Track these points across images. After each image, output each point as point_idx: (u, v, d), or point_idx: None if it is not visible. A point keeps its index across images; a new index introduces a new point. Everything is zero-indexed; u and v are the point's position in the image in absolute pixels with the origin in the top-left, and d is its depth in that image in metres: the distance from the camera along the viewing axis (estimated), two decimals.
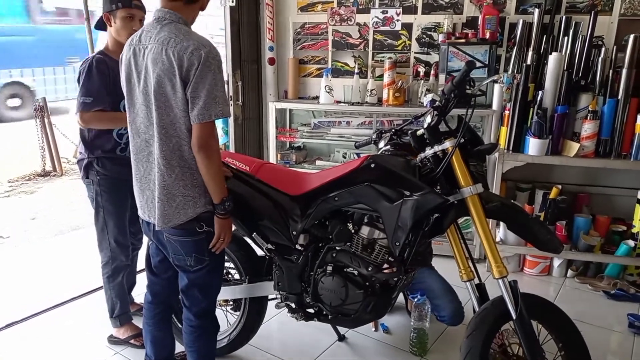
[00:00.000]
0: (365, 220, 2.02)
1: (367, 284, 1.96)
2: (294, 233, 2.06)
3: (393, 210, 1.83)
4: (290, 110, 3.84)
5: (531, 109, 3.03)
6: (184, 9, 1.68)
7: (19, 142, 7.15)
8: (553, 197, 3.20)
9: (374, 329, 2.59)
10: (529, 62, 3.15)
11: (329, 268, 2.00)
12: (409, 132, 1.99)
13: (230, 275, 2.36)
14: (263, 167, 2.17)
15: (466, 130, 1.87)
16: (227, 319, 2.39)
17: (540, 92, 3.05)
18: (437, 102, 1.87)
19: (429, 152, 1.90)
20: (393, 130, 2.15)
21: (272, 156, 3.73)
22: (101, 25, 2.25)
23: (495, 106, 3.20)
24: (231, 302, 2.37)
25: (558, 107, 3.01)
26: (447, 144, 1.85)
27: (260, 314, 2.30)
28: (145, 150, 1.73)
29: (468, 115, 1.82)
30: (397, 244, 1.84)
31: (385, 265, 1.95)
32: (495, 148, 1.89)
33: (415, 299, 2.37)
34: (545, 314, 1.86)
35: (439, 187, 1.89)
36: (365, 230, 2.00)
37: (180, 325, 2.10)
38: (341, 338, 2.51)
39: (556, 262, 3.26)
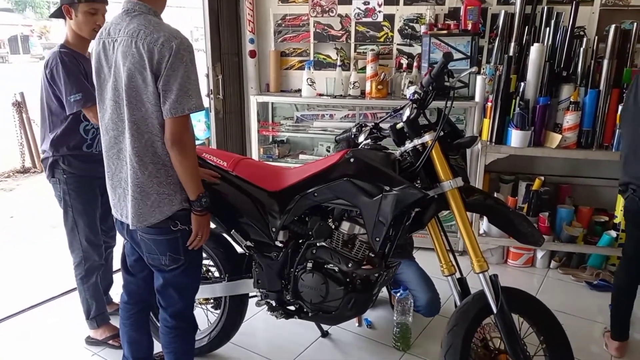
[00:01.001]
0: (346, 215, 1.99)
1: (347, 280, 1.93)
2: (273, 230, 2.02)
3: (372, 205, 1.80)
4: (273, 103, 3.79)
5: (513, 101, 3.02)
6: None
7: None
8: (536, 188, 3.21)
9: (357, 324, 2.58)
10: (511, 53, 3.14)
11: (309, 265, 1.97)
12: (389, 125, 1.96)
13: (210, 273, 2.32)
14: (241, 162, 2.12)
15: (446, 123, 1.85)
16: (207, 318, 2.35)
17: (522, 84, 3.04)
18: (416, 95, 1.83)
19: (408, 145, 1.87)
20: (373, 123, 2.11)
21: (255, 150, 3.69)
22: (59, 14, 2.14)
23: (477, 98, 3.18)
24: (212, 300, 2.33)
25: (540, 98, 3.00)
26: (427, 138, 1.82)
27: (241, 312, 2.27)
28: (115, 147, 1.68)
29: (447, 108, 1.79)
30: (377, 239, 1.81)
31: (366, 261, 1.93)
32: (475, 141, 1.86)
33: (398, 294, 2.35)
34: (526, 308, 1.85)
35: (419, 181, 1.87)
36: (345, 226, 1.97)
37: (159, 325, 2.05)
38: (324, 334, 2.49)
39: (539, 254, 3.27)
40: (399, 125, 1.92)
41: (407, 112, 1.84)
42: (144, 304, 1.94)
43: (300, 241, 2.04)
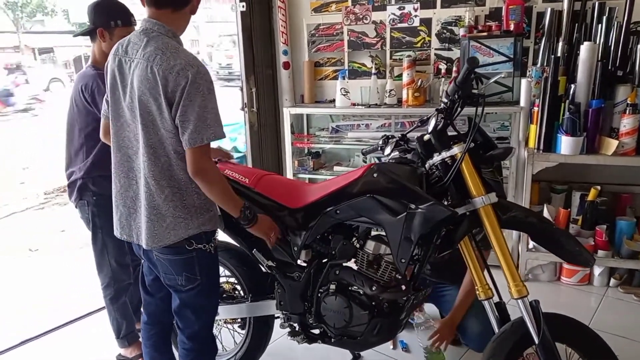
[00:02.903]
0: (371, 234, 1.87)
1: (372, 303, 1.81)
2: (295, 249, 1.93)
3: (397, 224, 1.67)
4: (308, 115, 3.72)
5: (563, 105, 2.78)
6: (173, 17, 1.58)
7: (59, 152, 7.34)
8: (592, 198, 2.94)
9: (392, 347, 2.42)
10: (559, 53, 2.90)
11: (332, 287, 1.86)
12: (416, 137, 1.82)
13: (237, 292, 2.26)
14: (263, 179, 2.05)
15: (477, 133, 1.70)
16: (233, 338, 2.29)
17: (572, 86, 2.80)
18: (442, 105, 1.69)
19: (436, 158, 1.73)
20: (400, 135, 1.98)
21: (289, 163, 3.62)
22: (85, 34, 2.14)
23: (523, 102, 2.97)
24: (239, 320, 2.26)
25: (592, 101, 2.75)
26: (456, 150, 1.67)
27: (266, 334, 2.19)
28: (125, 165, 1.65)
29: (478, 116, 1.64)
30: (403, 260, 1.68)
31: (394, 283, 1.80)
32: (510, 152, 1.70)
33: (413, 320, 2.18)
34: (574, 336, 1.65)
35: (449, 198, 1.72)
36: (370, 246, 1.85)
37: None
38: (356, 357, 2.35)
39: (597, 271, 2.98)
40: (426, 137, 1.78)
41: (432, 123, 1.70)
42: (163, 325, 1.90)
43: (324, 261, 1.94)
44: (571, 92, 2.79)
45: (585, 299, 2.87)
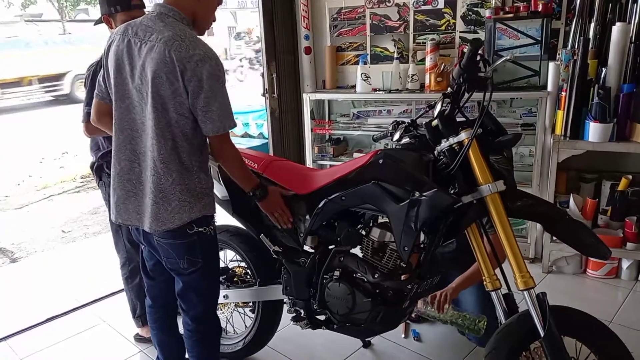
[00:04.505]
0: (378, 221, 1.84)
1: (376, 291, 1.79)
2: (301, 234, 1.93)
3: (400, 211, 1.63)
4: (329, 101, 3.68)
5: (592, 89, 2.64)
6: (197, 4, 1.60)
7: None
8: (622, 188, 2.81)
9: (403, 336, 2.40)
10: (590, 35, 2.75)
11: (336, 273, 1.85)
12: (424, 122, 1.77)
13: (248, 277, 2.28)
14: (272, 164, 2.05)
15: (487, 119, 1.64)
16: (244, 322, 2.32)
17: (603, 69, 2.66)
18: (449, 89, 1.64)
19: (444, 145, 1.67)
20: (410, 120, 1.93)
21: (308, 150, 3.61)
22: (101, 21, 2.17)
23: (550, 87, 2.85)
24: (250, 304, 2.28)
25: (624, 85, 2.60)
26: (463, 136, 1.62)
27: (274, 318, 2.20)
28: (127, 146, 1.64)
29: (486, 101, 1.57)
30: (406, 249, 1.64)
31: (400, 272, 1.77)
32: (519, 139, 1.62)
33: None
34: (583, 330, 1.58)
35: (455, 185, 1.67)
36: (375, 233, 1.82)
37: None
38: (366, 344, 2.34)
39: (625, 264, 2.84)
40: (434, 123, 1.72)
41: (437, 107, 1.65)
42: (167, 308, 1.92)
43: (330, 247, 1.92)
44: (602, 76, 2.65)
45: (612, 293, 2.75)
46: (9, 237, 4.46)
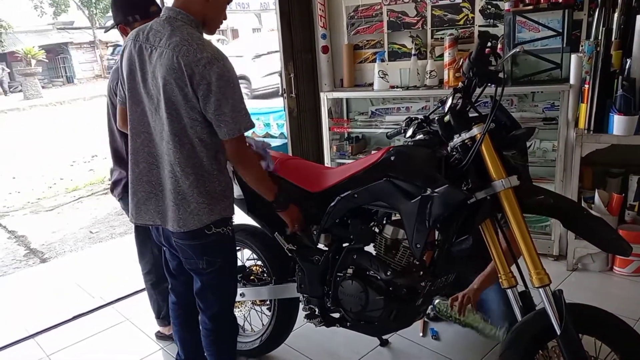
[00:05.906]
0: (392, 218, 1.83)
1: (389, 289, 1.77)
2: (315, 233, 1.93)
3: (412, 208, 1.62)
4: (348, 99, 3.68)
5: (616, 81, 2.56)
6: (206, 6, 1.59)
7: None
8: None
9: (421, 334, 2.38)
10: (614, 25, 2.67)
11: (349, 271, 1.84)
12: (436, 118, 1.75)
13: (265, 275, 2.30)
14: (285, 163, 2.06)
15: (501, 114, 1.61)
16: (261, 320, 2.33)
17: (627, 60, 2.57)
18: (460, 84, 1.61)
19: (456, 140, 1.65)
20: (423, 116, 1.91)
21: (327, 148, 3.61)
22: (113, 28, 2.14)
23: (572, 80, 2.77)
24: (267, 302, 2.30)
25: None
26: (475, 131, 1.59)
27: (290, 316, 2.21)
28: (144, 150, 1.67)
29: (498, 95, 1.55)
30: (418, 246, 1.63)
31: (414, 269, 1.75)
32: (532, 133, 1.58)
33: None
34: (602, 329, 1.54)
35: (469, 181, 1.64)
36: (388, 230, 1.81)
37: None
38: (383, 343, 2.33)
39: None
40: (446, 118, 1.70)
41: (448, 102, 1.63)
42: (190, 305, 1.94)
43: (343, 245, 1.92)
44: (626, 67, 2.56)
45: (639, 291, 2.66)
46: (41, 238, 4.61)
